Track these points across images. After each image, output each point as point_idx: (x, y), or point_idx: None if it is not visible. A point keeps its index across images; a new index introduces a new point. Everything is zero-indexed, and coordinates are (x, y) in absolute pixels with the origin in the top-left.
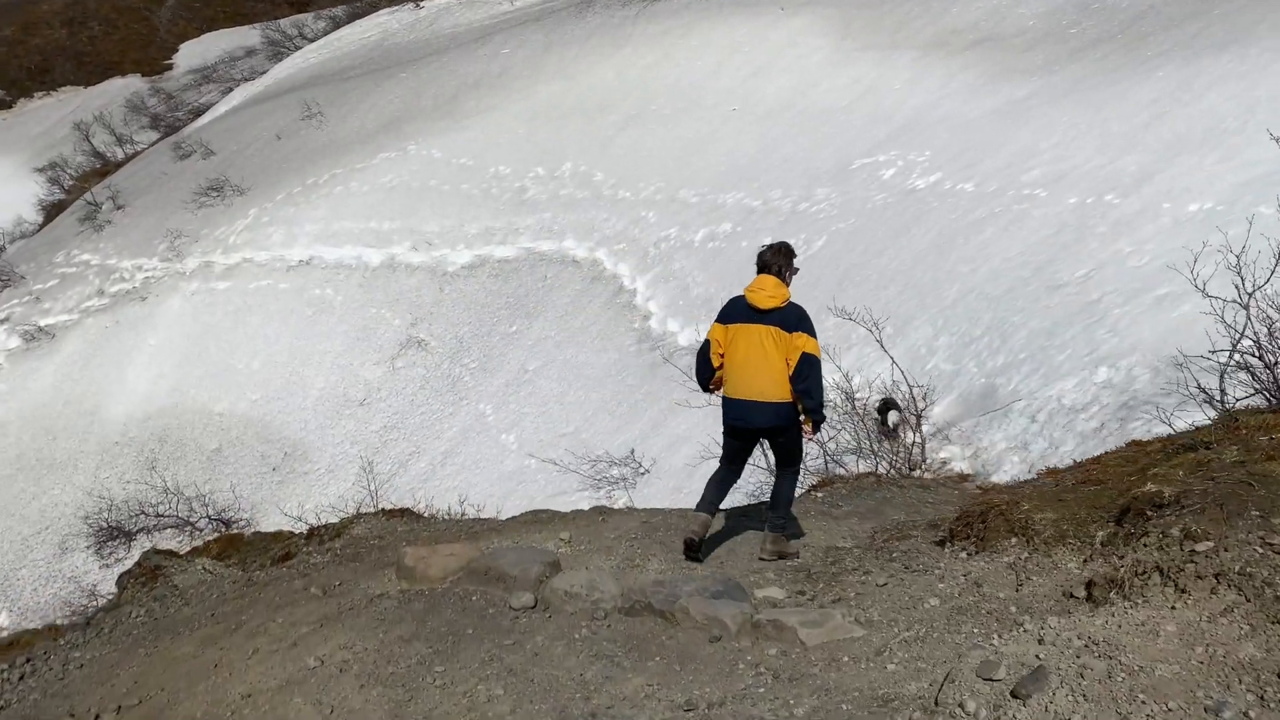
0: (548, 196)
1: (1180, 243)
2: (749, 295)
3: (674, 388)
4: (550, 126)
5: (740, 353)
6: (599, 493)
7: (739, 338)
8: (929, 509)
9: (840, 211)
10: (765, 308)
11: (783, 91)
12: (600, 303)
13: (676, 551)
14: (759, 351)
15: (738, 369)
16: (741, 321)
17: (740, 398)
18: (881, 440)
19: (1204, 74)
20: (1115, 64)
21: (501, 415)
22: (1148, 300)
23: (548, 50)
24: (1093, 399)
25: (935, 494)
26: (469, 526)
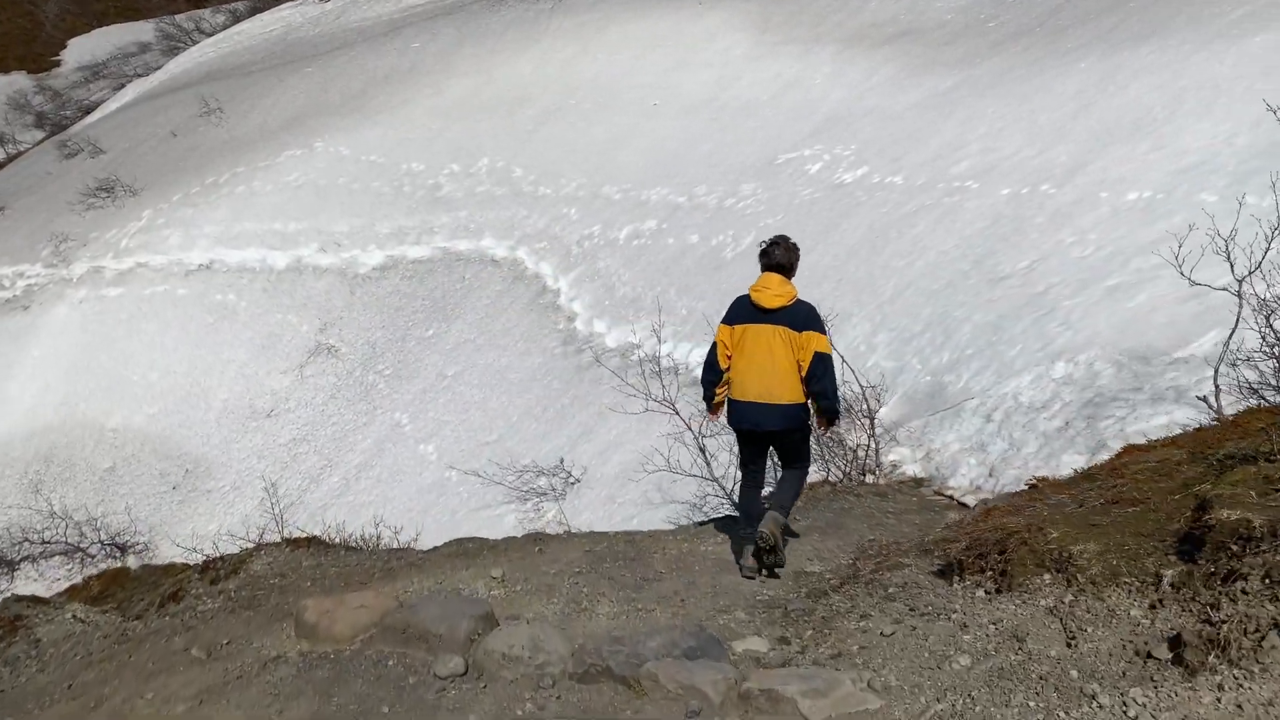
0: (464, 194)
1: (1122, 231)
2: (754, 294)
3: (603, 391)
4: (465, 122)
5: (748, 354)
6: (526, 505)
7: (746, 339)
8: (891, 520)
9: (768, 207)
10: (772, 307)
11: (704, 86)
12: (522, 304)
13: (629, 589)
14: (767, 352)
15: (745, 371)
16: (748, 322)
17: (749, 400)
18: (829, 443)
19: (1125, 66)
20: (1036, 56)
21: (419, 424)
22: (1098, 291)
23: (460, 44)
24: (1053, 396)
25: (895, 503)
26: (384, 561)
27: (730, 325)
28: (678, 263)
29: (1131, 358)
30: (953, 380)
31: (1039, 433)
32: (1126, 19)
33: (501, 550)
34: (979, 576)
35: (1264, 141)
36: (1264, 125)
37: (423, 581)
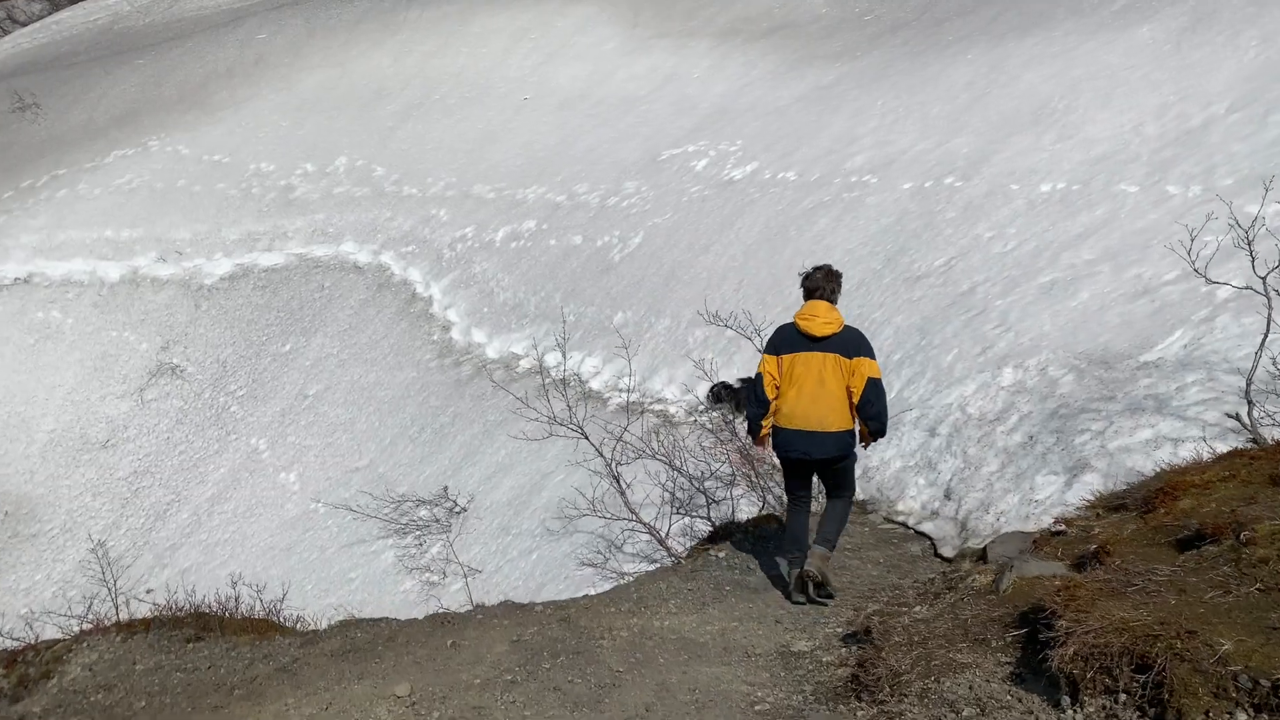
0: (320, 195)
1: (1044, 225)
2: (801, 323)
3: (487, 408)
4: (319, 118)
5: (797, 383)
6: (406, 539)
7: (795, 367)
8: (851, 558)
9: (655, 205)
10: (823, 335)
11: (577, 80)
12: (390, 313)
13: (585, 706)
14: (818, 380)
15: (795, 400)
16: (796, 350)
17: (800, 429)
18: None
19: (1014, 56)
20: (919, 48)
21: (279, 450)
22: (1032, 289)
23: (311, 36)
24: (1006, 406)
25: (854, 538)
26: (245, 665)
27: (777, 355)
28: (562, 266)
29: (1090, 362)
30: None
31: (999, 449)
32: (1006, 10)
33: (403, 646)
34: (1109, 702)
35: (1174, 130)
36: (1170, 114)
37: (300, 704)
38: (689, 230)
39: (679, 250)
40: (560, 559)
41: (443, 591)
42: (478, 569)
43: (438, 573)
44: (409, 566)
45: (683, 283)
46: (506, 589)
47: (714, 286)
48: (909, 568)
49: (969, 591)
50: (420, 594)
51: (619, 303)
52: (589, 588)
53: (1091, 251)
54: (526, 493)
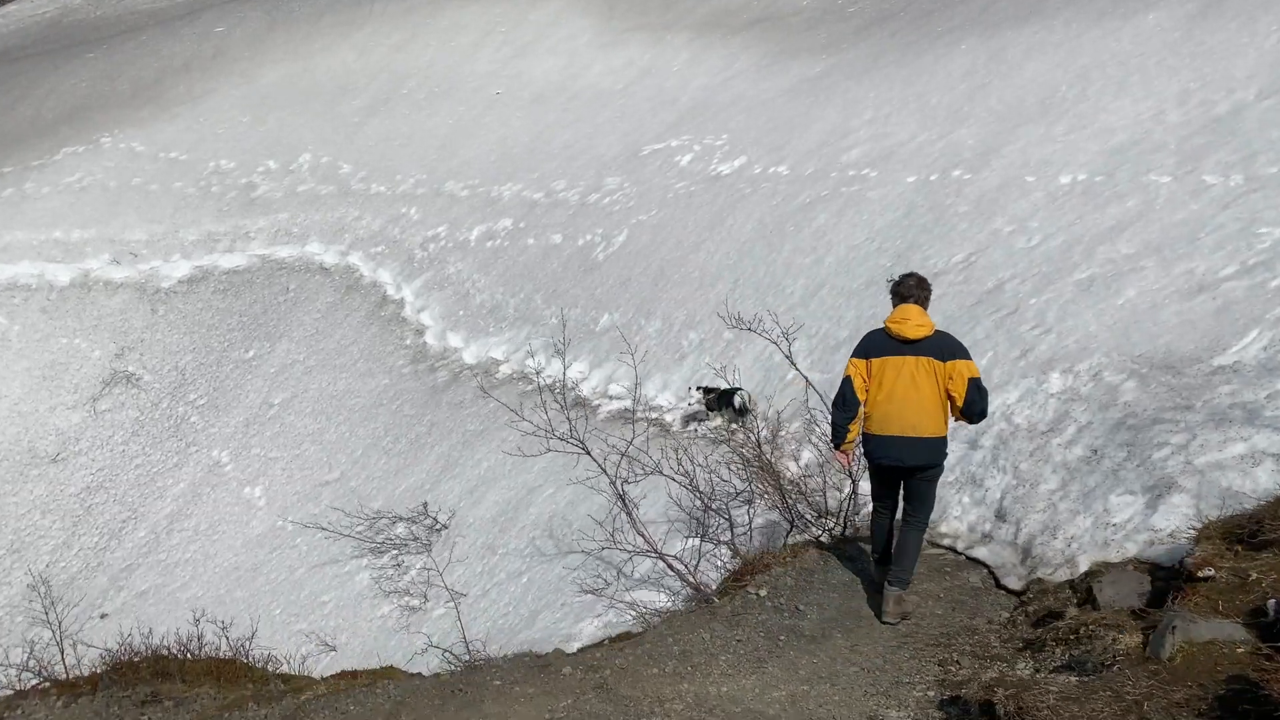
0: (284, 194)
1: (1070, 218)
2: (894, 326)
3: (466, 417)
4: (281, 113)
5: (887, 387)
6: (383, 559)
7: (886, 371)
8: (915, 597)
9: (639, 202)
10: (915, 337)
11: (551, 74)
12: (360, 317)
13: None
14: (910, 384)
15: (886, 405)
16: (887, 354)
17: (891, 434)
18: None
19: (1013, 45)
20: (909, 39)
21: (243, 463)
22: (1068, 286)
23: (271, 29)
24: (1060, 415)
25: None
26: None
27: (866, 359)
28: (542, 266)
29: (1152, 367)
30: None
31: (1057, 464)
32: (995, 0)
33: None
34: None
35: (1201, 118)
36: (1192, 101)
37: None
38: (676, 227)
39: (667, 248)
40: (554, 583)
41: (424, 618)
42: (462, 593)
43: (418, 596)
44: (386, 589)
45: (673, 282)
46: (495, 615)
47: (706, 286)
48: (974, 604)
49: (1113, 655)
50: (400, 620)
51: (605, 304)
52: (591, 618)
53: (1130, 245)
54: (513, 508)
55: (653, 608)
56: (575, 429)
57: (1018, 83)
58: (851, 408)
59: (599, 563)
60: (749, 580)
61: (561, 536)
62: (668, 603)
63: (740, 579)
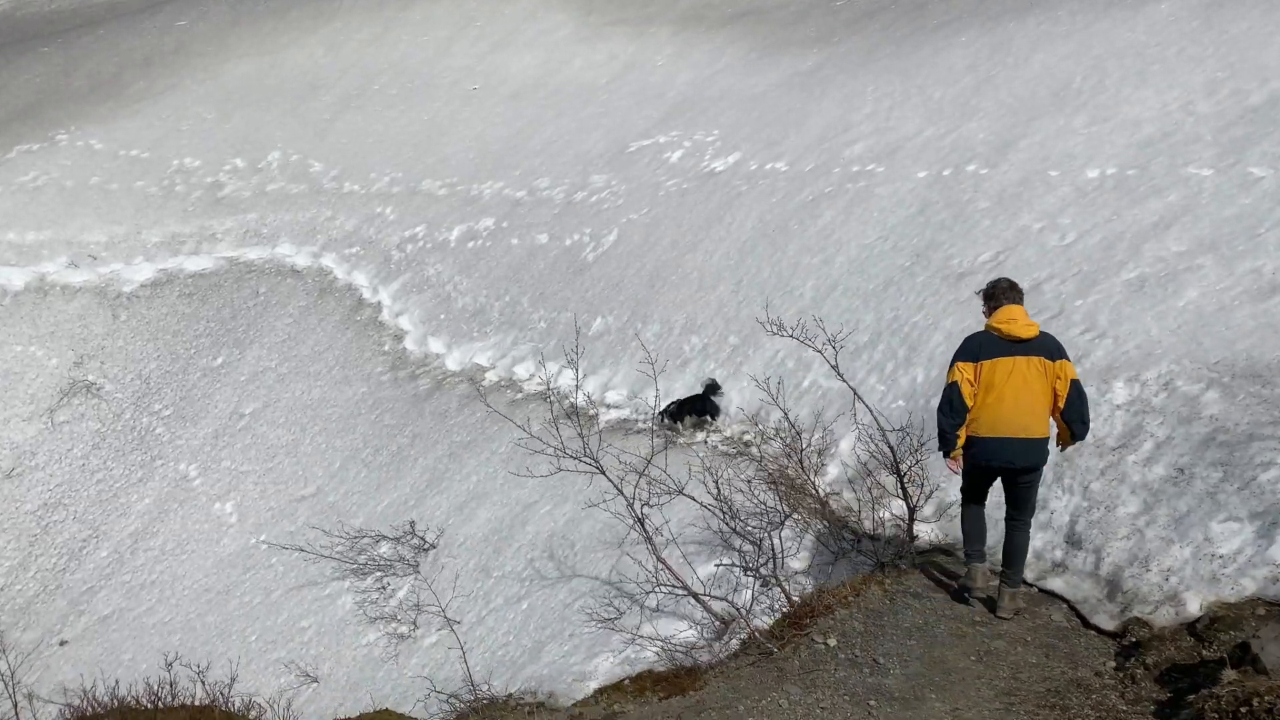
0: (252, 193)
1: (1105, 214)
2: (1004, 326)
3: (452, 427)
4: (248, 110)
5: (997, 388)
6: (366, 581)
7: (997, 373)
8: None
9: (628, 200)
10: (1027, 337)
11: (530, 69)
12: (335, 321)
13: None
14: (1022, 384)
15: (997, 406)
16: (998, 355)
17: (1002, 436)
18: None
19: (1017, 37)
20: (903, 32)
21: (212, 477)
22: (1117, 287)
23: (236, 23)
24: (1131, 430)
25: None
26: None
27: (975, 362)
28: (527, 267)
29: (1235, 375)
30: None
31: (1135, 484)
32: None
33: None
34: None
35: (1235, 108)
36: (1223, 91)
37: None
38: (670, 226)
39: (661, 249)
40: (559, 610)
41: (415, 646)
42: (456, 619)
43: (407, 622)
44: (371, 614)
45: (670, 284)
46: (494, 645)
47: (707, 288)
48: (1067, 648)
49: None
50: (387, 648)
51: (597, 307)
52: (607, 653)
53: (1180, 243)
54: (507, 526)
55: (675, 641)
56: (589, 446)
57: (1026, 75)
58: (960, 414)
59: (609, 588)
60: (810, 625)
61: (564, 558)
62: (692, 635)
63: (800, 623)
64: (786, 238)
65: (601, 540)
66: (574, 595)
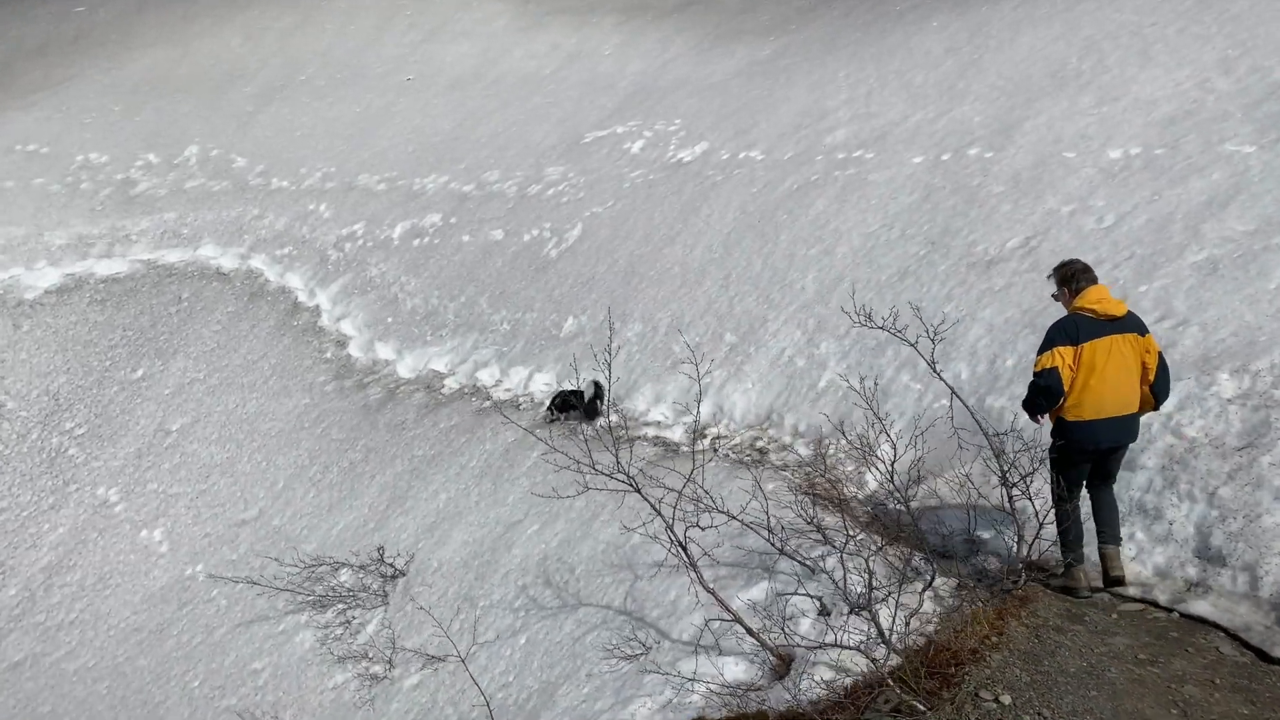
0: (169, 190)
1: (1143, 194)
2: (1098, 306)
3: (411, 440)
4: (160, 102)
5: (1099, 369)
6: (327, 614)
7: (1098, 353)
8: (1196, 690)
9: (590, 193)
10: (1121, 314)
11: (467, 59)
12: (269, 327)
13: None
14: (1122, 362)
15: (1099, 387)
16: (1097, 336)
17: (1109, 416)
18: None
19: (993, 21)
20: (866, 20)
21: (136, 502)
22: (1184, 270)
23: (141, 10)
24: (1254, 425)
25: (1098, 627)
26: None
27: (1076, 345)
28: (483, 265)
29: None
30: (1004, 404)
31: (1278, 489)
32: None
33: None
34: None
35: (1259, 85)
36: (1240, 68)
37: None
38: (641, 219)
39: (634, 243)
40: (567, 645)
41: (394, 689)
42: (440, 657)
43: (380, 660)
44: (338, 653)
45: (649, 280)
46: (491, 687)
47: (692, 283)
48: (1265, 691)
49: None
50: (360, 691)
51: (567, 306)
52: (642, 697)
53: (1243, 222)
54: (489, 549)
55: (725, 681)
56: (620, 460)
57: (1015, 57)
58: (1056, 399)
59: (625, 618)
60: (960, 674)
61: (563, 584)
62: (741, 673)
63: (942, 671)
64: (775, 229)
65: (608, 563)
66: (582, 627)
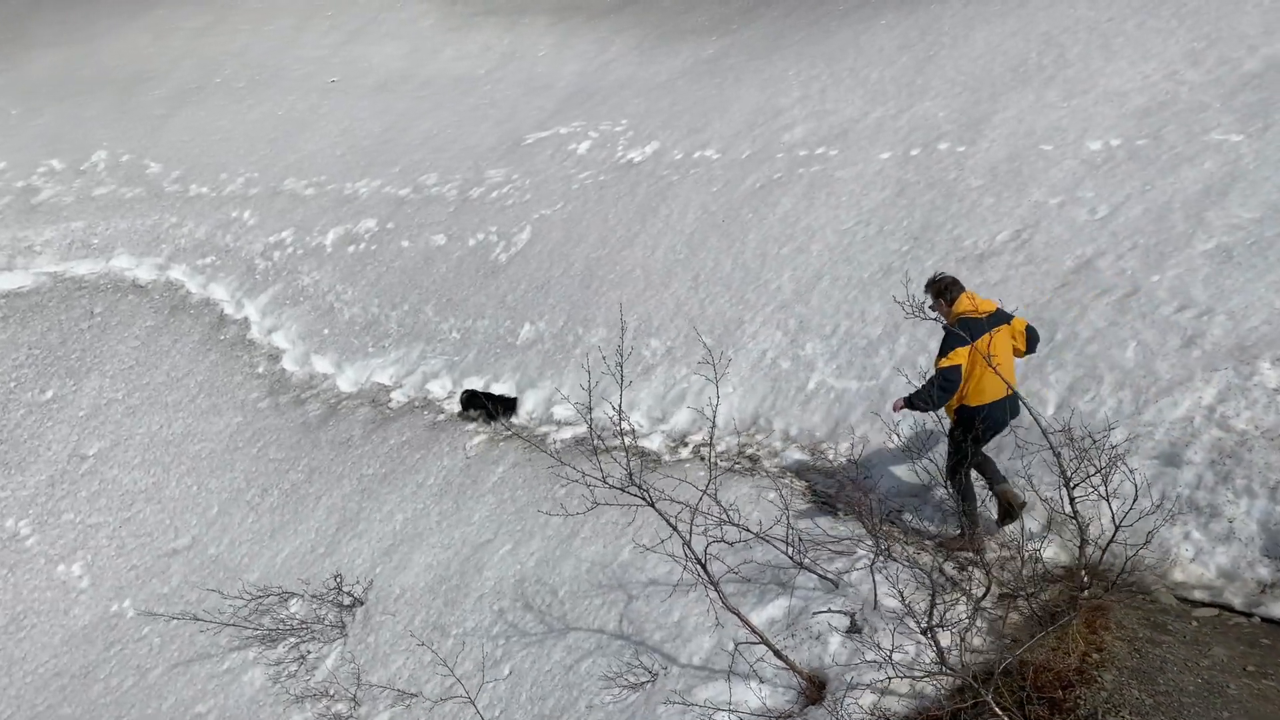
0: (76, 198)
1: (1134, 184)
2: (974, 308)
3: (359, 458)
4: (63, 105)
5: (999, 358)
6: (279, 649)
7: (993, 346)
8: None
9: (537, 195)
10: (993, 310)
11: (394, 60)
12: (193, 342)
13: None
14: (1003, 351)
15: (991, 376)
16: (982, 333)
17: (1000, 398)
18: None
19: (944, 18)
20: (809, 19)
21: (51, 533)
22: (1196, 258)
23: (37, 7)
24: None
25: (1179, 642)
26: None
27: (969, 344)
28: (425, 271)
29: None
30: (1027, 398)
31: None
32: None
33: None
34: None
35: (1231, 76)
36: (1209, 59)
37: None
38: (595, 221)
39: (589, 245)
40: (559, 674)
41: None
42: (412, 693)
43: (344, 698)
44: (295, 692)
45: (609, 283)
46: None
47: (658, 285)
48: None
49: None
50: None
51: (522, 312)
52: None
53: (1249, 209)
54: (457, 573)
55: (750, 709)
56: (636, 477)
57: (971, 54)
58: (954, 392)
59: (622, 643)
60: (1067, 697)
61: (545, 608)
62: (765, 700)
63: (1047, 691)
64: (742, 228)
65: (595, 583)
66: (574, 654)
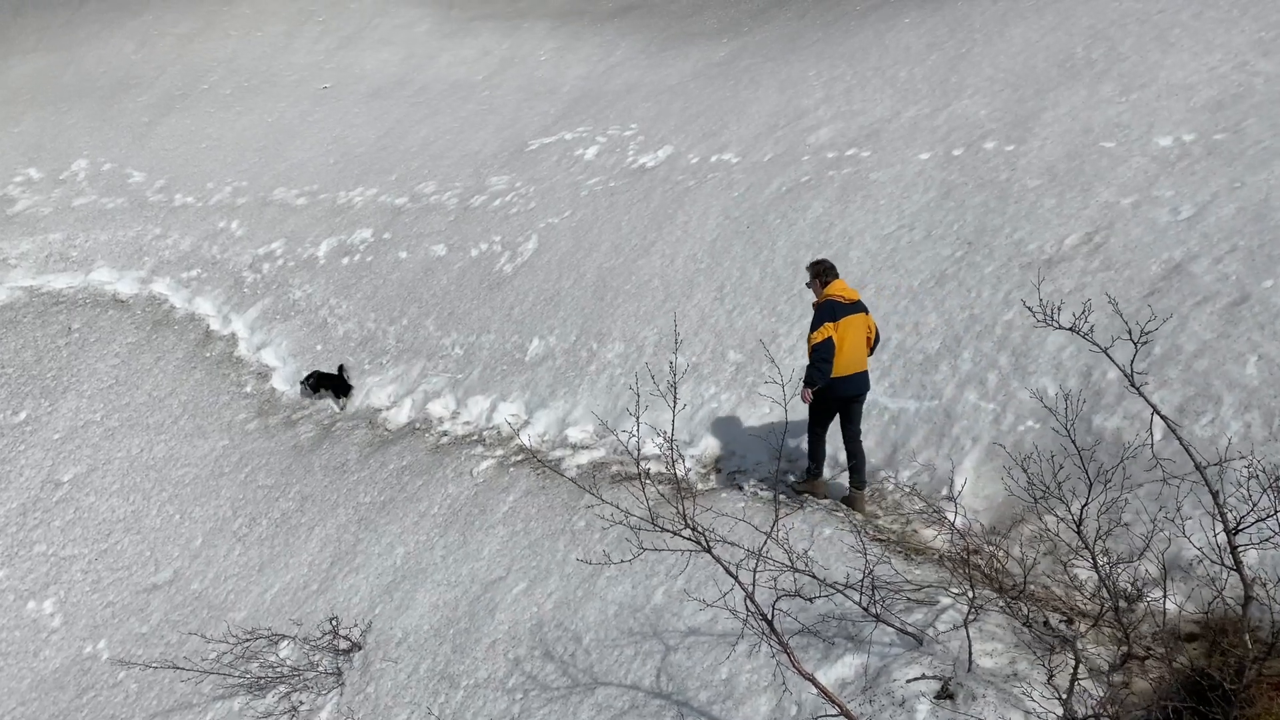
0: (54, 209)
1: (1221, 181)
2: (845, 294)
3: (355, 484)
4: (42, 112)
5: (850, 338)
6: (267, 698)
7: (848, 328)
8: None
9: (543, 203)
10: (856, 298)
11: (389, 65)
12: (177, 360)
13: None
14: (859, 333)
15: (850, 351)
16: (845, 315)
17: (854, 373)
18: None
19: (974, 15)
20: (826, 20)
21: (21, 567)
22: None
23: (18, 14)
24: None
25: None
26: None
27: (835, 321)
28: (425, 283)
29: None
30: (1120, 424)
31: None
32: None
33: None
34: None
35: None
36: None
37: None
38: (607, 230)
39: (601, 254)
40: None
41: None
42: None
43: None
44: None
45: (625, 295)
46: None
47: (678, 297)
48: None
49: None
50: None
51: (530, 326)
52: None
53: None
54: (466, 614)
55: None
56: (686, 514)
57: (1009, 50)
58: (832, 359)
59: (662, 702)
60: None
61: (569, 658)
62: None
63: None
64: (769, 234)
65: (624, 630)
66: (605, 713)
